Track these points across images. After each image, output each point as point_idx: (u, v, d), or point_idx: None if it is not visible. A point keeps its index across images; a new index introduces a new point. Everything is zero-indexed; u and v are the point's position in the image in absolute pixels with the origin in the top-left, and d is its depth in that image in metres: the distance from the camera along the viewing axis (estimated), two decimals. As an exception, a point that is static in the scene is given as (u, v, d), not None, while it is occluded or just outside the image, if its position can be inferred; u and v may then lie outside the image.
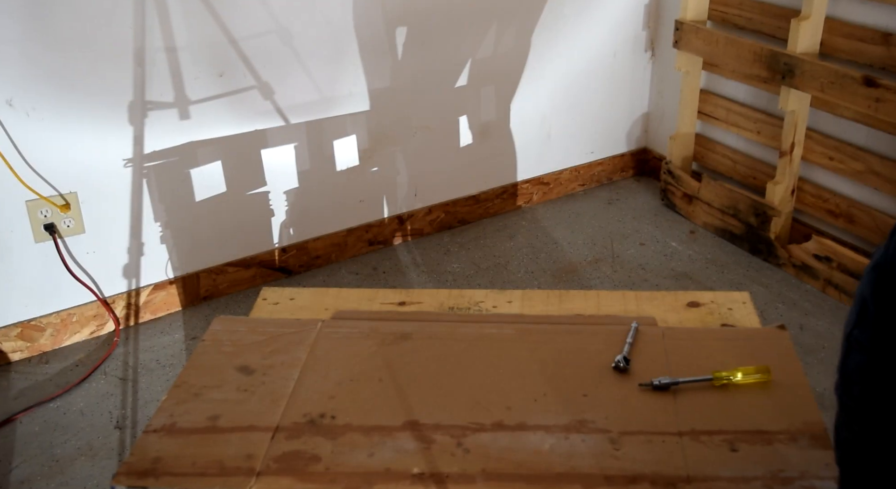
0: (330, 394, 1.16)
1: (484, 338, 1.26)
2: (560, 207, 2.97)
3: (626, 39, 2.97)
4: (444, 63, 2.63)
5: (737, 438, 1.05)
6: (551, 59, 2.83)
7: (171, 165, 2.30)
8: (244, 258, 2.51)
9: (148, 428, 1.11)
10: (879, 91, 2.14)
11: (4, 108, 2.03)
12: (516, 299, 1.37)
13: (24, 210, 2.13)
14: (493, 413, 1.11)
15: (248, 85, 2.34)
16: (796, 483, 0.99)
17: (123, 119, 2.20)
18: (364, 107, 2.54)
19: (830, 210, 2.47)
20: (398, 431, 1.08)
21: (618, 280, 2.53)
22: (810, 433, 1.06)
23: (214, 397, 1.15)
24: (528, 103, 2.85)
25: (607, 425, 1.08)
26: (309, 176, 2.53)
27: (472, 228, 2.85)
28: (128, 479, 1.03)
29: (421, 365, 1.21)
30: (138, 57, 2.16)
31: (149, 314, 2.41)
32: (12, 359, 2.24)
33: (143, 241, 2.34)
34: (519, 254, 2.69)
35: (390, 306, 1.36)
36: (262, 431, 1.09)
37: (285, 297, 1.39)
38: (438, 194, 2.80)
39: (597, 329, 1.27)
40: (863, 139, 2.35)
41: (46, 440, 1.98)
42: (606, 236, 2.77)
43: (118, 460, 1.90)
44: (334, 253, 2.66)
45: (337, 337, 1.27)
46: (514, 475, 1.01)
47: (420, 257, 2.69)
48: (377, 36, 2.48)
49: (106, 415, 2.06)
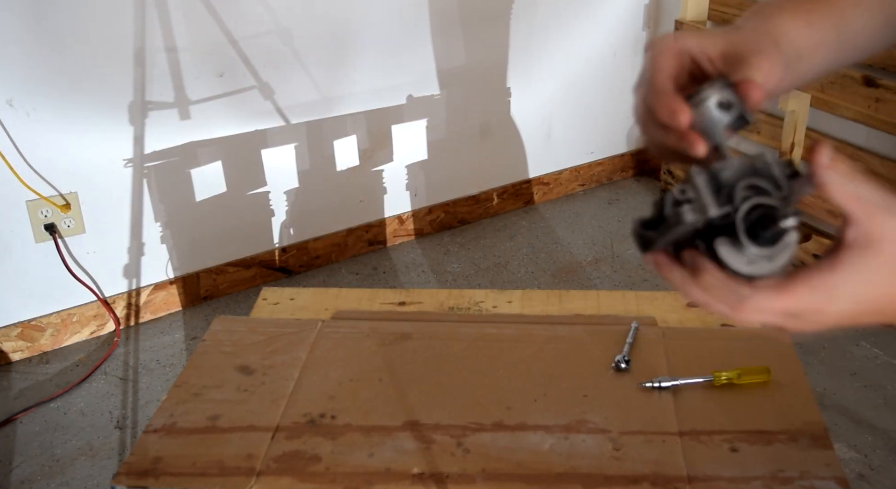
0: (330, 394, 1.16)
1: (484, 338, 1.26)
2: (560, 207, 2.97)
3: (626, 39, 2.97)
4: (444, 63, 2.63)
5: (737, 438, 1.05)
6: (551, 58, 2.83)
7: (172, 165, 2.30)
8: (244, 258, 2.51)
9: (148, 428, 1.11)
10: (879, 91, 2.14)
11: (5, 108, 2.03)
12: (516, 299, 1.37)
13: (25, 210, 2.13)
14: (493, 413, 1.11)
15: (248, 85, 2.34)
16: (796, 483, 0.99)
17: (123, 119, 2.20)
18: (364, 107, 2.54)
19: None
20: (398, 431, 1.09)
21: (618, 280, 2.53)
22: (810, 433, 1.06)
23: (214, 397, 1.16)
24: (528, 103, 2.85)
25: (607, 425, 1.08)
26: (309, 176, 2.53)
27: (472, 228, 2.85)
28: (128, 479, 1.03)
29: (421, 365, 1.21)
30: (138, 57, 2.16)
31: (149, 314, 2.41)
32: (12, 359, 2.24)
33: (143, 241, 2.34)
34: (519, 254, 2.69)
35: (390, 306, 1.36)
36: (262, 431, 1.09)
37: (285, 297, 1.39)
38: (438, 194, 2.80)
39: (597, 329, 1.27)
40: (863, 139, 2.35)
41: (46, 440, 1.98)
42: (606, 236, 2.77)
43: (118, 460, 1.90)
44: (334, 253, 2.66)
45: (337, 337, 1.27)
46: (514, 475, 1.01)
47: (420, 257, 2.69)
48: (377, 36, 2.48)
49: (106, 415, 2.06)
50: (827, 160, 0.52)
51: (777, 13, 0.64)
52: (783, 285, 0.52)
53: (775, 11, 0.64)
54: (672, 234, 0.53)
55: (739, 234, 0.51)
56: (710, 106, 0.56)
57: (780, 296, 0.52)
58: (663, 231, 0.53)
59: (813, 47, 0.65)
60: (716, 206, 0.51)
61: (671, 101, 0.57)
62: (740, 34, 0.60)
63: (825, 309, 0.53)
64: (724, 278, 0.53)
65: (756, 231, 0.51)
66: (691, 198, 0.52)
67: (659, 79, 0.59)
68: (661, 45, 0.60)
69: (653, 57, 0.60)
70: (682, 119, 0.56)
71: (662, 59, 0.59)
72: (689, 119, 0.56)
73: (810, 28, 0.64)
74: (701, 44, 0.59)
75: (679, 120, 0.56)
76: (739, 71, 0.57)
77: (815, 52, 0.65)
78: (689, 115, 0.56)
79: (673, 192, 0.53)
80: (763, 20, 0.63)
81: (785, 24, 0.63)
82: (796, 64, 0.63)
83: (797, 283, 0.52)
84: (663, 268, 0.55)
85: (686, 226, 0.52)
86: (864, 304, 0.53)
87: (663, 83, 0.59)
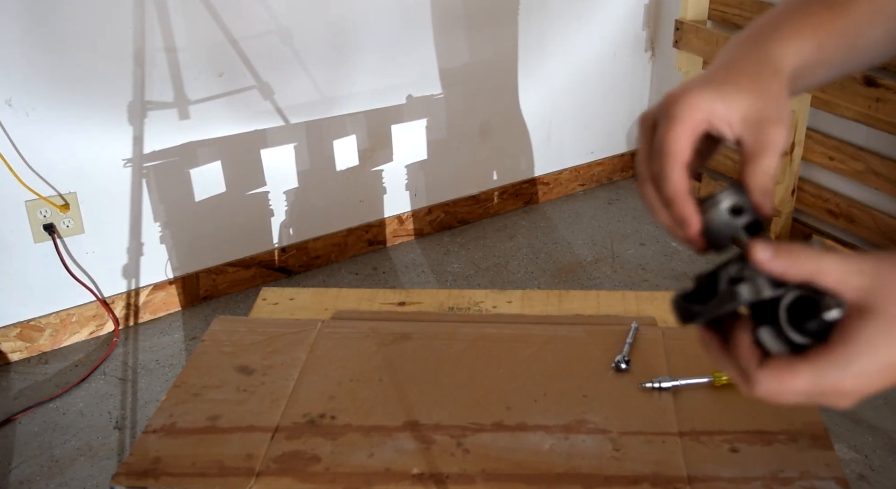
0: (330, 394, 1.15)
1: (484, 338, 1.25)
2: (560, 207, 2.97)
3: (626, 39, 2.97)
4: (444, 62, 2.63)
5: (737, 438, 1.05)
6: (552, 58, 2.83)
7: (171, 165, 2.30)
8: (244, 258, 2.51)
9: (147, 428, 1.11)
10: (879, 91, 2.14)
11: (4, 108, 2.03)
12: (516, 299, 1.37)
13: (24, 210, 2.13)
14: (493, 413, 1.11)
15: (248, 85, 2.34)
16: (796, 483, 0.98)
17: (123, 119, 2.20)
18: (364, 107, 2.54)
19: (830, 210, 2.47)
20: (398, 431, 1.08)
21: (618, 280, 2.53)
22: (810, 433, 1.06)
23: (214, 397, 1.15)
24: (528, 103, 2.85)
25: (607, 425, 1.08)
26: (309, 176, 2.53)
27: (472, 228, 2.85)
28: (127, 480, 1.03)
29: (421, 365, 1.20)
30: (138, 57, 2.16)
31: (148, 314, 2.41)
32: (12, 359, 2.24)
33: (142, 241, 2.33)
34: (519, 254, 2.69)
35: (390, 306, 1.36)
36: (261, 431, 1.09)
37: (285, 297, 1.39)
38: (438, 194, 2.80)
39: (597, 329, 1.27)
40: (863, 139, 2.35)
41: (46, 440, 1.98)
42: (606, 236, 2.77)
43: (118, 460, 1.90)
44: (334, 253, 2.66)
45: (337, 337, 1.27)
46: (514, 475, 1.01)
47: (420, 257, 2.69)
48: (377, 36, 2.48)
49: (105, 415, 2.05)
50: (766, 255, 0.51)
51: (786, 38, 0.60)
52: (789, 366, 0.51)
53: (785, 34, 0.60)
54: (722, 309, 0.53)
55: (782, 321, 0.51)
56: (721, 210, 0.57)
57: (783, 377, 0.51)
58: (714, 306, 0.53)
59: (817, 67, 0.62)
60: (770, 287, 0.51)
61: (684, 207, 0.57)
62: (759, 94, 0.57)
63: (849, 388, 0.50)
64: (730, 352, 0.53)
65: (799, 320, 0.51)
66: (746, 276, 0.52)
67: (675, 173, 0.57)
68: (679, 112, 0.57)
69: (668, 132, 0.57)
70: (692, 229, 0.57)
71: (680, 141, 0.57)
72: (699, 228, 0.57)
73: (820, 52, 0.61)
74: (722, 110, 0.56)
75: (690, 230, 0.57)
76: (758, 143, 0.56)
77: (818, 71, 0.63)
78: (700, 224, 0.57)
79: (729, 271, 0.53)
80: (768, 45, 0.60)
81: (791, 48, 0.60)
82: (795, 84, 0.61)
83: (801, 366, 0.50)
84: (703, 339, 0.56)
85: (739, 303, 0.52)
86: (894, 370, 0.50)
87: (678, 182, 0.57)
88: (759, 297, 0.51)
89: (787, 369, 0.50)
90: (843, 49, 0.63)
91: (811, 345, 0.50)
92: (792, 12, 0.62)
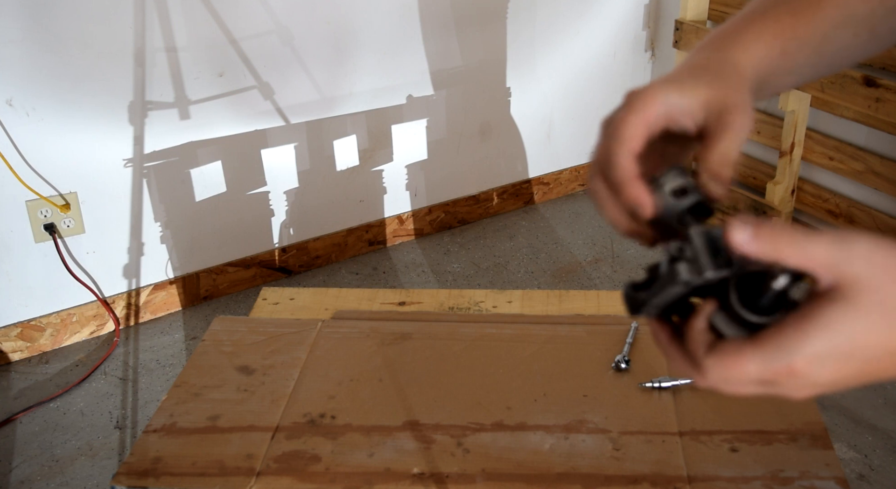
0: (330, 394, 1.16)
1: (484, 338, 1.26)
2: (560, 207, 2.97)
3: (626, 39, 2.97)
4: (444, 63, 2.63)
5: (737, 438, 1.05)
6: (551, 58, 2.83)
7: (171, 165, 2.30)
8: (244, 258, 2.51)
9: (148, 428, 1.11)
10: (879, 91, 2.14)
11: (4, 108, 2.03)
12: (516, 299, 1.37)
13: (24, 210, 2.13)
14: (493, 413, 1.11)
15: (248, 85, 2.34)
16: (796, 483, 0.99)
17: (123, 119, 2.20)
18: (364, 107, 2.54)
19: (830, 210, 2.47)
20: (398, 431, 1.09)
21: (618, 280, 2.53)
22: (810, 433, 1.06)
23: (214, 397, 1.16)
24: (528, 103, 2.85)
25: (607, 425, 1.08)
26: (309, 176, 2.53)
27: (472, 228, 2.85)
28: (128, 479, 1.03)
29: (421, 365, 1.21)
30: (138, 57, 2.16)
31: (149, 314, 2.41)
32: (12, 359, 2.24)
33: (143, 241, 2.34)
34: (519, 254, 2.69)
35: (390, 306, 1.36)
36: (262, 431, 1.09)
37: (285, 297, 1.39)
38: (438, 194, 2.80)
39: (597, 329, 1.27)
40: (863, 139, 2.35)
41: (46, 440, 1.98)
42: (606, 236, 2.77)
43: (118, 460, 1.90)
44: (334, 253, 2.66)
45: (337, 337, 1.27)
46: (514, 475, 1.01)
47: (420, 257, 2.69)
48: (377, 36, 2.48)
49: (106, 415, 2.06)
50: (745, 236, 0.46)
51: (748, 44, 0.59)
52: (736, 348, 0.47)
53: (747, 40, 0.59)
54: (665, 294, 0.51)
55: (732, 300, 0.48)
56: (665, 193, 0.54)
57: (731, 361, 0.47)
58: (656, 290, 0.51)
59: (783, 74, 0.61)
60: (713, 268, 0.49)
61: (633, 189, 0.54)
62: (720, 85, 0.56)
63: (800, 370, 0.45)
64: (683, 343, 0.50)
65: (752, 299, 0.48)
66: (688, 257, 0.50)
67: (622, 160, 0.55)
68: (634, 103, 0.56)
69: (620, 120, 0.55)
70: (645, 211, 0.54)
71: (630, 128, 0.55)
72: (652, 211, 0.54)
73: (784, 58, 0.60)
74: (681, 102, 0.55)
75: (643, 212, 0.54)
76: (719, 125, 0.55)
77: (785, 77, 0.62)
78: (653, 206, 0.54)
79: (670, 250, 0.50)
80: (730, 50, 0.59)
81: (752, 54, 0.59)
82: (761, 89, 0.60)
83: (749, 347, 0.46)
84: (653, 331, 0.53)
85: (680, 285, 0.50)
86: (857, 360, 0.46)
87: (626, 167, 0.54)
88: (702, 277, 0.48)
89: (735, 352, 0.47)
90: (809, 55, 0.62)
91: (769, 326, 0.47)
92: (755, 19, 0.61)
